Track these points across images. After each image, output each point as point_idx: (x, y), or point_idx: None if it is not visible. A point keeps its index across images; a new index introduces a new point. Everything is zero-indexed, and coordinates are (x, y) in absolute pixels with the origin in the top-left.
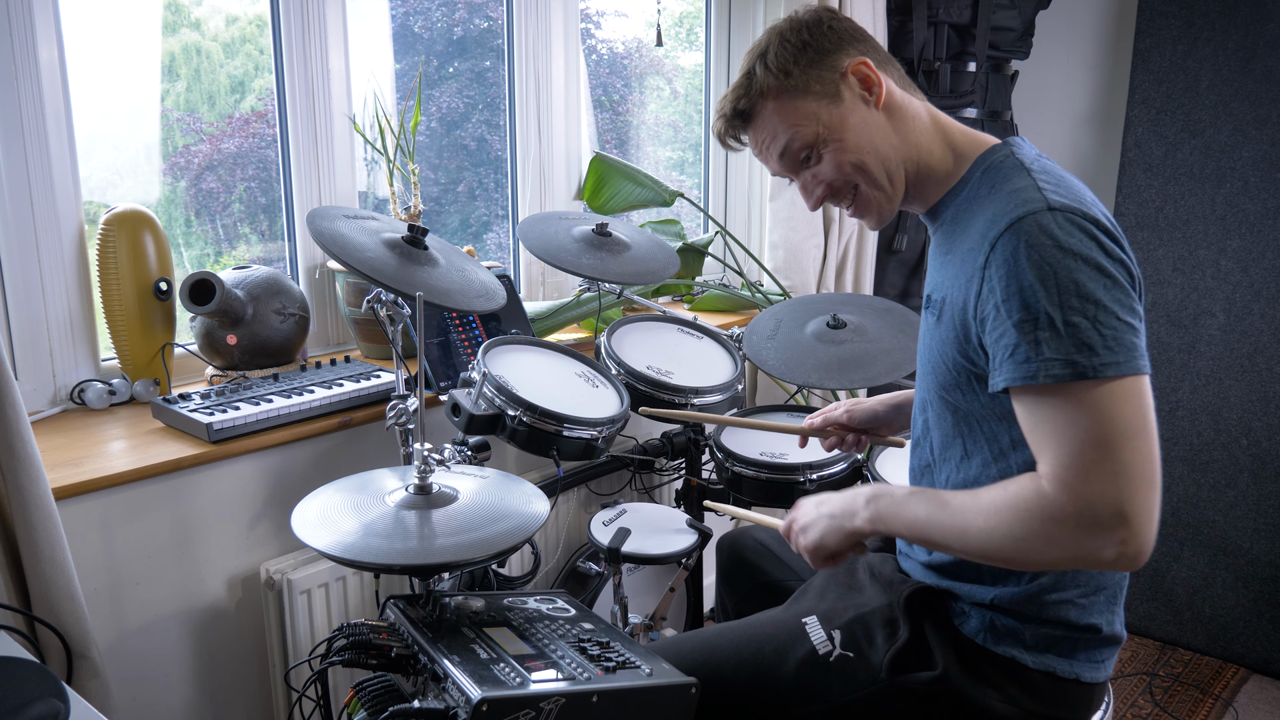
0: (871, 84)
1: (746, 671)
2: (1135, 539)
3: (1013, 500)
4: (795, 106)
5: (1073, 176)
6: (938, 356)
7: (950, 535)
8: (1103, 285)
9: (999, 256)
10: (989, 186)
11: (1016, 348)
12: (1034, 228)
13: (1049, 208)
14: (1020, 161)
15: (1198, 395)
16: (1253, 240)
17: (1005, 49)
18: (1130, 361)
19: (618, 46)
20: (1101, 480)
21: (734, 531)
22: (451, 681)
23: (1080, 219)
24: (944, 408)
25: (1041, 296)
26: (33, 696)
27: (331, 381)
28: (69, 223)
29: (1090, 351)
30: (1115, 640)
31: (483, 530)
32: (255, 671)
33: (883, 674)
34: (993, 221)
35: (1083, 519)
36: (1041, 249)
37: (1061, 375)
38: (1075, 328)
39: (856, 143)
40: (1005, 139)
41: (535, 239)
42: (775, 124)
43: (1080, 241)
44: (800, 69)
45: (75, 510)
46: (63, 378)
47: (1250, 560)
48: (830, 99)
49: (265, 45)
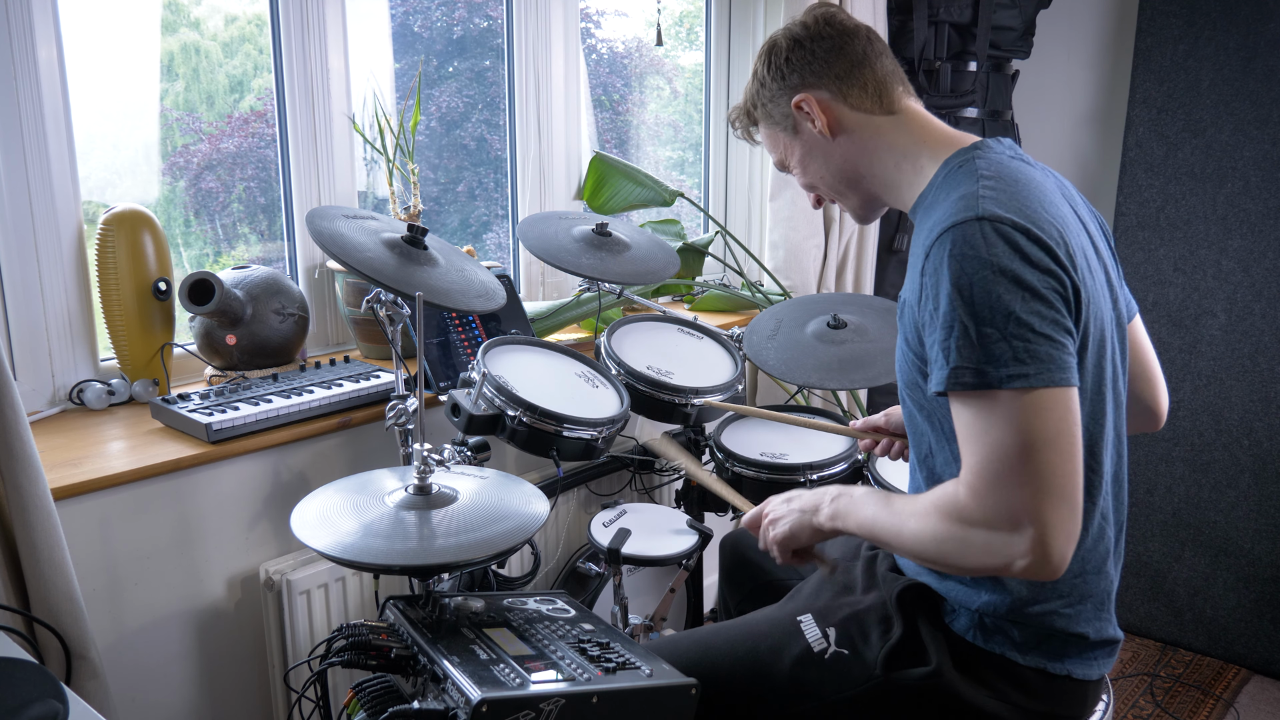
0: (815, 118)
1: (742, 669)
2: (1042, 549)
3: (936, 503)
4: (769, 133)
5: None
6: (900, 356)
7: (890, 535)
8: (1020, 298)
9: (930, 264)
10: (944, 192)
11: (940, 354)
12: (959, 237)
13: (979, 217)
14: (976, 168)
15: (1199, 395)
16: (1254, 240)
17: (1006, 48)
18: (1042, 374)
19: (618, 46)
20: (1004, 489)
21: (737, 531)
22: (451, 682)
23: (1008, 229)
24: (910, 404)
25: (959, 306)
26: (31, 697)
27: (331, 382)
28: (68, 222)
29: (998, 363)
30: (1107, 643)
31: (482, 531)
32: (254, 672)
33: (877, 671)
34: (933, 229)
35: (989, 525)
36: (962, 260)
37: (969, 384)
38: (986, 338)
39: (816, 168)
40: (980, 141)
41: (535, 239)
42: (767, 146)
43: (1001, 252)
44: (762, 104)
45: (74, 511)
46: (61, 378)
47: (1252, 561)
48: (788, 130)
49: (264, 45)
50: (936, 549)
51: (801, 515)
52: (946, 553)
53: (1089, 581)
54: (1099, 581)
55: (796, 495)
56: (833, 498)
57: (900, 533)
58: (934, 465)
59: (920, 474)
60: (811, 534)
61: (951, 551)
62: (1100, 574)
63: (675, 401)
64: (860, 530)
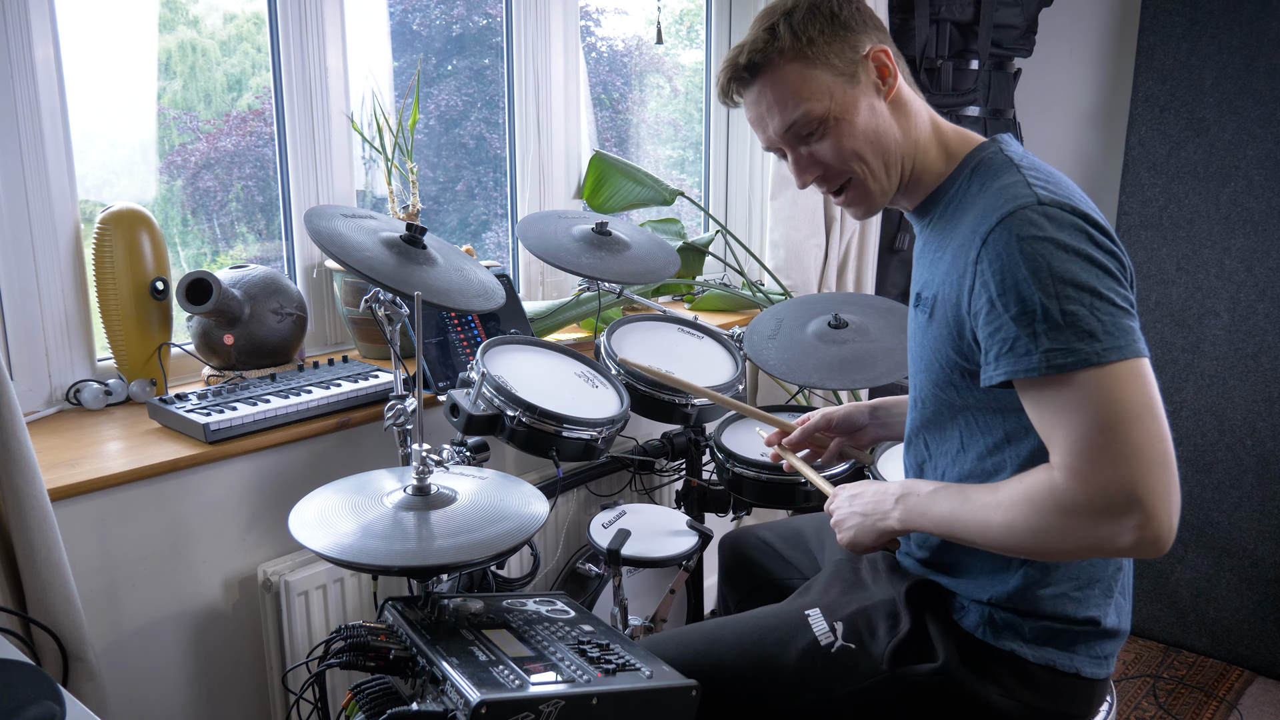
0: (888, 73)
1: (748, 661)
2: (1152, 522)
3: (1028, 493)
4: (812, 76)
5: (1060, 173)
6: (930, 354)
7: (974, 531)
8: (1095, 274)
9: (991, 251)
10: (979, 184)
11: (1016, 341)
12: (1025, 222)
13: (1039, 201)
14: (1009, 158)
15: (1201, 395)
16: (1257, 239)
17: (1008, 47)
18: (1131, 345)
19: (617, 44)
20: (1111, 465)
21: (736, 530)
22: (450, 684)
23: (1069, 213)
24: (939, 404)
25: (1036, 289)
26: (28, 699)
27: (329, 382)
28: (65, 222)
29: (1091, 338)
30: (1116, 634)
31: (482, 531)
32: (252, 674)
33: (884, 665)
34: (983, 217)
35: (1095, 506)
36: (1033, 242)
37: (1065, 364)
38: (1074, 316)
39: (863, 129)
40: (993, 137)
41: (534, 238)
42: (787, 90)
43: (1070, 234)
44: (825, 40)
45: (71, 511)
46: (58, 378)
47: (1255, 562)
48: (847, 78)
49: (262, 43)
50: (1034, 540)
51: (865, 520)
52: (1045, 541)
53: (1096, 564)
54: (1106, 565)
55: (860, 493)
56: (897, 498)
57: (987, 527)
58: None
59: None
60: (877, 537)
61: (1052, 540)
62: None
63: (675, 401)
64: (937, 529)
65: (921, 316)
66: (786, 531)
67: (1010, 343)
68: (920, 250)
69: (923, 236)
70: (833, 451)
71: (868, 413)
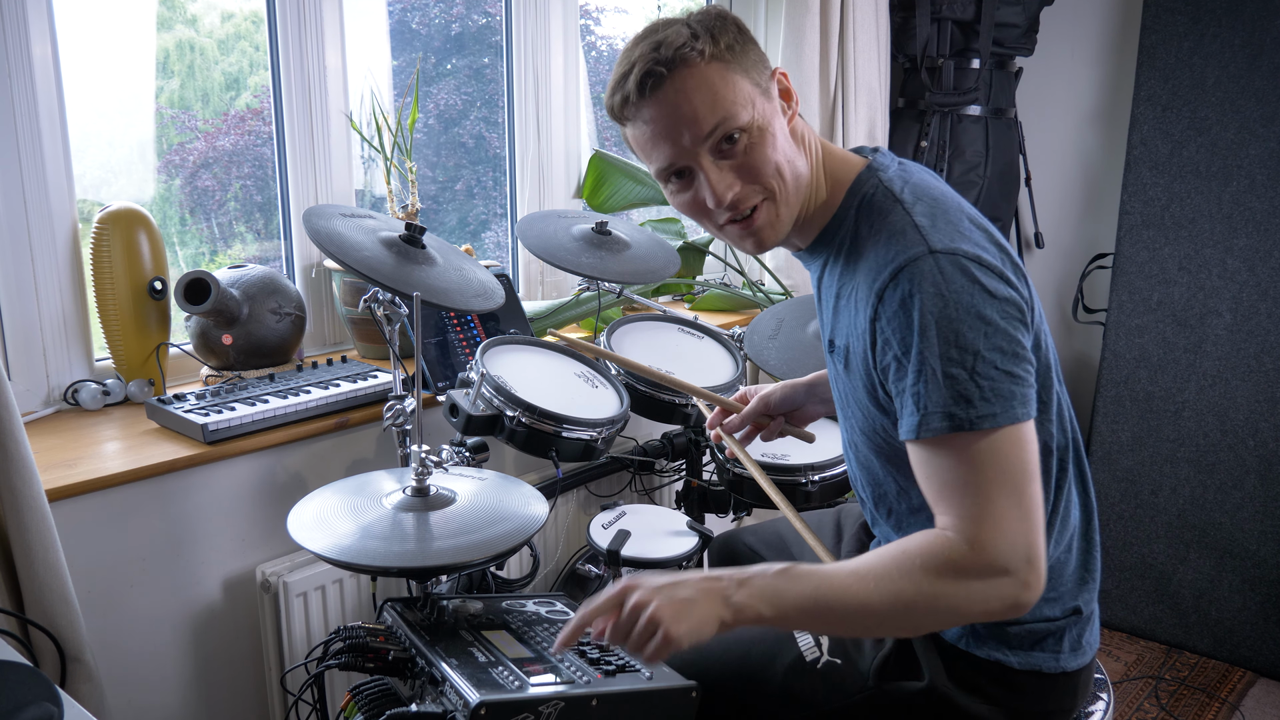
0: (790, 98)
1: (733, 675)
2: (1039, 580)
3: (927, 563)
4: (735, 81)
5: (944, 191)
6: (853, 403)
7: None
8: (983, 334)
9: (887, 309)
10: (868, 226)
11: (905, 401)
12: (915, 275)
13: (930, 251)
14: (890, 191)
15: (1204, 396)
16: (1259, 239)
17: (1009, 45)
18: (1006, 412)
19: (617, 43)
20: (1010, 532)
21: (727, 533)
22: (449, 685)
23: (963, 260)
24: (868, 450)
25: (924, 348)
26: (26, 700)
27: (328, 382)
28: (62, 221)
29: (968, 404)
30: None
31: (481, 532)
32: (251, 675)
33: (870, 682)
34: (877, 271)
35: (992, 571)
36: (922, 299)
37: (940, 429)
38: (953, 379)
39: (782, 146)
40: (870, 159)
41: (534, 238)
42: (711, 89)
43: (961, 288)
44: (740, 48)
45: (69, 512)
46: (56, 378)
47: (1257, 562)
48: (762, 92)
49: (261, 42)
50: (927, 611)
51: (690, 605)
52: (939, 611)
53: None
54: (1069, 559)
55: (679, 579)
56: (739, 582)
57: (866, 604)
58: (893, 507)
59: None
60: (702, 626)
61: (945, 609)
62: (1070, 551)
63: (675, 401)
64: (800, 615)
65: (839, 365)
66: (770, 537)
67: (902, 402)
68: (821, 291)
69: (816, 276)
70: (774, 430)
71: (804, 390)
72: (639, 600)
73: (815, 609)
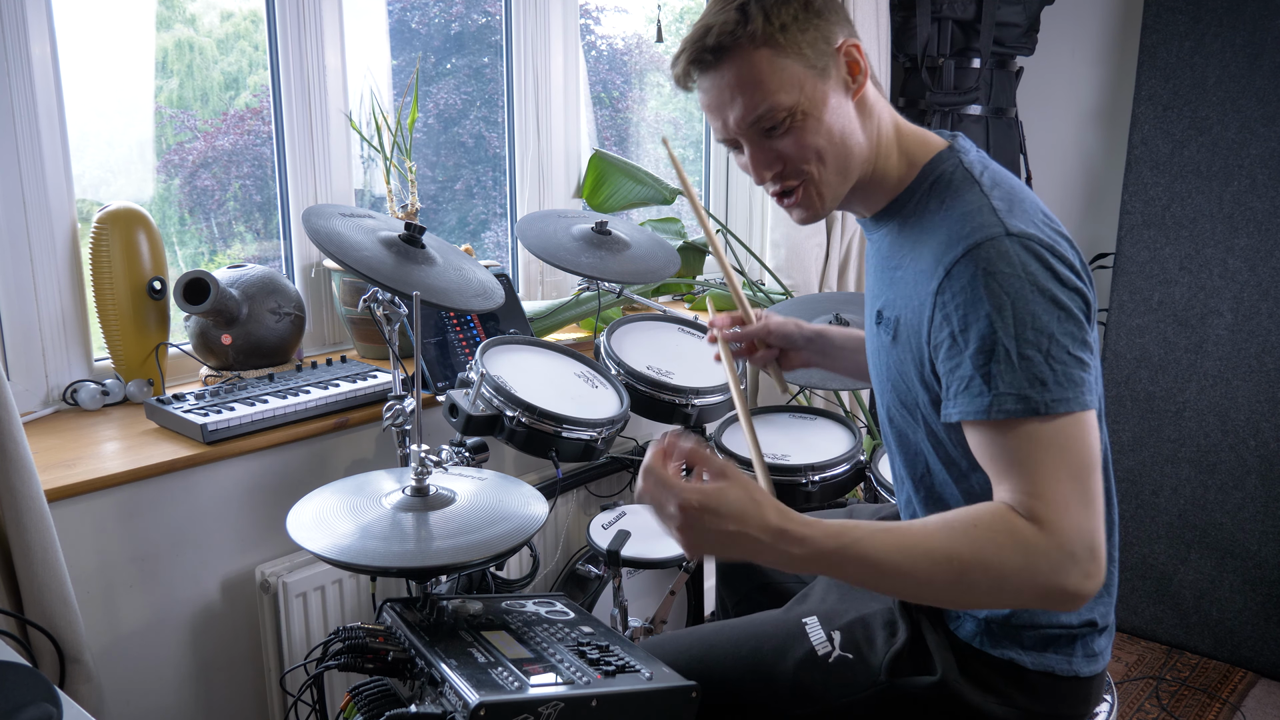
0: (858, 70)
1: (744, 669)
2: (1100, 573)
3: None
4: (783, 66)
5: (1021, 184)
6: (898, 375)
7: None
8: (1057, 318)
9: (955, 284)
10: (939, 201)
11: (971, 380)
12: (991, 256)
13: (1007, 233)
14: (969, 173)
15: (1205, 396)
16: (1261, 239)
17: (1010, 45)
18: (1078, 398)
19: (617, 42)
20: (1076, 515)
21: None
22: (449, 685)
23: (1038, 246)
24: (903, 424)
25: (998, 328)
26: (25, 701)
27: (327, 382)
28: (61, 221)
29: (1042, 387)
30: (1109, 629)
31: (481, 532)
32: (250, 676)
33: (882, 676)
34: (948, 245)
35: (1061, 549)
36: (999, 278)
37: (1013, 411)
38: (1029, 361)
39: (829, 128)
40: (951, 142)
41: (534, 237)
42: (754, 77)
43: (1038, 271)
44: (799, 27)
45: (68, 512)
46: (55, 378)
47: (1258, 563)
48: (818, 72)
49: (260, 41)
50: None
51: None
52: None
53: None
54: None
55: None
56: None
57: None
58: (932, 484)
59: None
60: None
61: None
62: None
63: (675, 402)
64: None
65: (885, 337)
66: None
67: (966, 382)
68: (876, 263)
69: (876, 246)
70: (761, 359)
71: (806, 336)
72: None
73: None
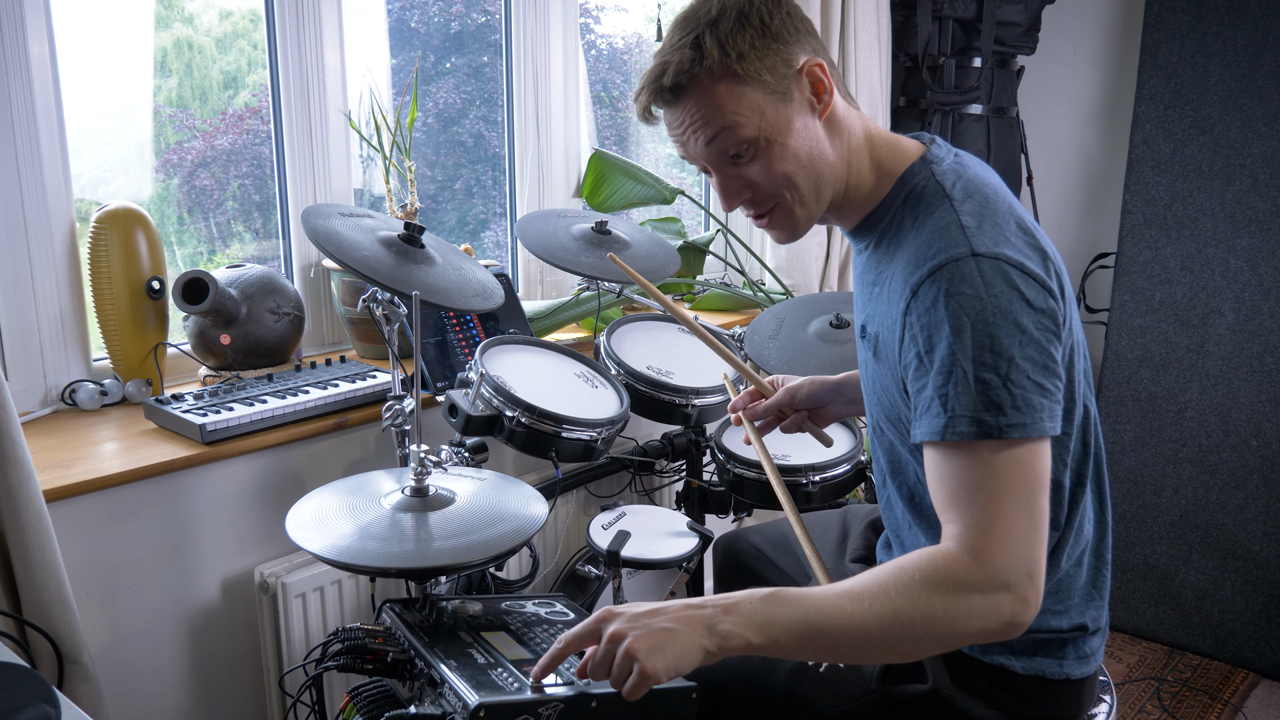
0: (822, 90)
1: (735, 678)
2: (1037, 598)
3: (927, 578)
4: (742, 94)
5: (997, 192)
6: (882, 390)
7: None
8: (1018, 341)
9: (920, 305)
10: (912, 217)
11: (931, 402)
12: (955, 276)
13: (972, 253)
14: (940, 186)
15: (1206, 396)
16: (1262, 238)
17: (1011, 44)
18: (1035, 424)
19: (617, 42)
20: (1015, 545)
21: (730, 533)
22: (448, 686)
23: (1005, 265)
24: (892, 437)
25: (957, 349)
26: (23, 701)
27: (327, 382)
28: (60, 221)
29: (998, 411)
30: (1100, 631)
31: (480, 533)
32: (249, 676)
33: (873, 685)
34: (915, 265)
35: (992, 586)
36: (960, 299)
37: (966, 433)
38: (985, 384)
39: (795, 152)
40: (926, 148)
41: (534, 237)
42: (714, 110)
43: (1001, 293)
44: (756, 54)
45: (66, 512)
46: (53, 378)
47: (1260, 563)
48: (779, 96)
49: (259, 40)
50: (924, 630)
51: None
52: (937, 630)
53: (1071, 575)
54: (1079, 574)
55: (659, 608)
56: (725, 609)
57: (863, 625)
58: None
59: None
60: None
61: (943, 627)
62: (1080, 565)
63: (675, 402)
64: (792, 641)
65: (868, 352)
66: (775, 536)
67: (928, 403)
68: (859, 275)
69: (860, 260)
70: (794, 423)
71: (832, 389)
72: (616, 631)
73: (808, 633)
